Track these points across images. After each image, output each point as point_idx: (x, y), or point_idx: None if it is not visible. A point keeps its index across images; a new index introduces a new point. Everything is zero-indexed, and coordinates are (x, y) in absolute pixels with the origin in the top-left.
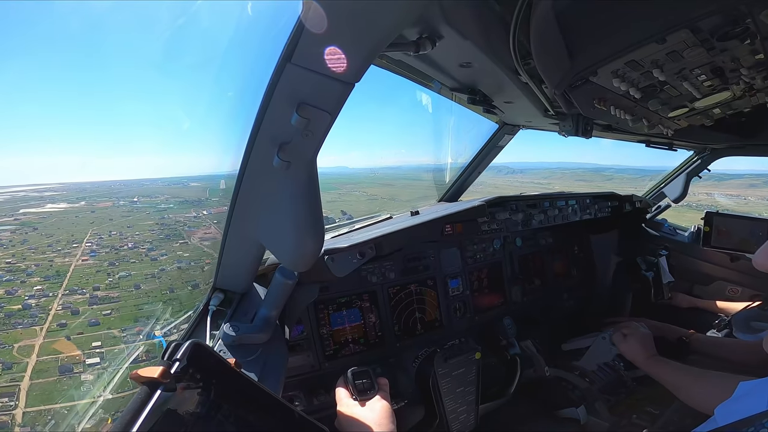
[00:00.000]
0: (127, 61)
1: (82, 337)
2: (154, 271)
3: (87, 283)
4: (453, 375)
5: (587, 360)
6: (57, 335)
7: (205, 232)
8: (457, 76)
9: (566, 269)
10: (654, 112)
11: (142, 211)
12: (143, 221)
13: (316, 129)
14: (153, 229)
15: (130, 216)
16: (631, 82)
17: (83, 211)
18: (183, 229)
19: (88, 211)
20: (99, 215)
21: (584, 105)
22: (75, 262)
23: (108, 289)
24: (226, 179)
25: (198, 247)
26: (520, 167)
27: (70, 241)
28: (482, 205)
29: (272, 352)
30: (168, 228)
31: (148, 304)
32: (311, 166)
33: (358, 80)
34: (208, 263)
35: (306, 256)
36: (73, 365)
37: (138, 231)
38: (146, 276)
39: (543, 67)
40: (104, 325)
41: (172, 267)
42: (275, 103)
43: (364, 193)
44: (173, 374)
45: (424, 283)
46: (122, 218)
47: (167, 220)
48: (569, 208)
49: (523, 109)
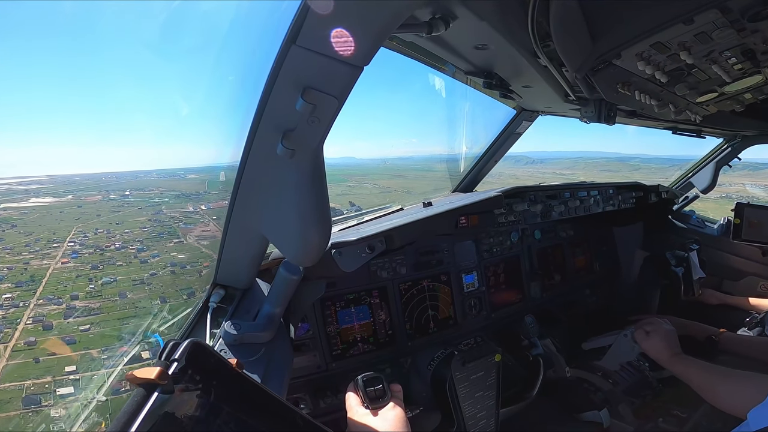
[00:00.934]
0: (121, 44)
1: (54, 359)
2: (144, 275)
3: (65, 290)
4: (471, 379)
5: (609, 359)
6: (23, 356)
7: (203, 230)
8: (472, 59)
9: (588, 264)
10: (681, 97)
11: (134, 206)
12: (134, 217)
13: (323, 115)
14: (144, 226)
15: (120, 211)
16: (657, 66)
17: (69, 206)
18: (178, 226)
19: (75, 205)
20: (86, 210)
21: (607, 90)
22: (53, 265)
23: (88, 299)
24: (227, 170)
25: (195, 247)
26: (539, 157)
27: (51, 240)
28: (499, 195)
29: (276, 351)
30: (161, 225)
31: (135, 317)
32: (317, 154)
33: (366, 63)
34: (207, 266)
35: (312, 249)
36: (41, 396)
37: (128, 228)
38: (134, 282)
39: (563, 49)
40: (81, 344)
41: (164, 271)
42: (279, 87)
43: (375, 186)
44: (171, 375)
45: (437, 279)
46: (111, 214)
47: (161, 216)
48: (591, 199)
49: (543, 94)
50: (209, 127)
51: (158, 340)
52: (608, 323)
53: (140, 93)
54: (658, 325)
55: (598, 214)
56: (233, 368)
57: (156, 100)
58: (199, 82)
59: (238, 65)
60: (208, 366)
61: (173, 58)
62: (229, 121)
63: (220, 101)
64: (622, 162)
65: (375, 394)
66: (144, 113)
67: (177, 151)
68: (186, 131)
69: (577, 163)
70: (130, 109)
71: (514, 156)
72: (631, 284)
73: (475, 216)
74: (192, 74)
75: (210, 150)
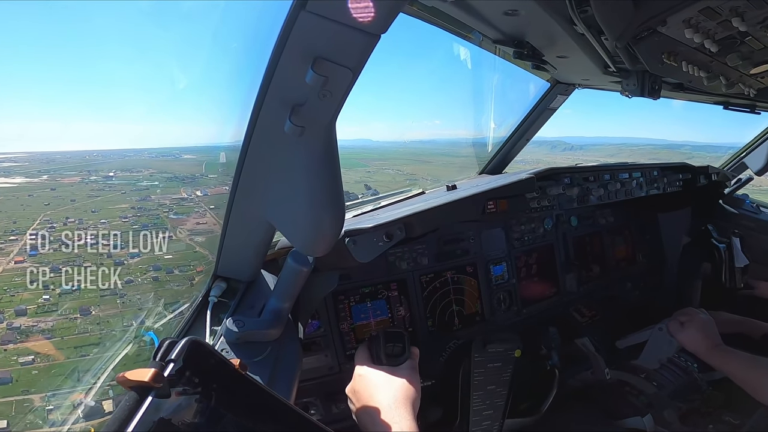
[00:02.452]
0: (113, 10)
1: None
2: (116, 283)
3: (10, 301)
4: (488, 367)
5: (646, 357)
6: None
7: (198, 222)
8: (501, 26)
9: (630, 254)
10: (733, 69)
11: (117, 190)
12: (115, 204)
13: (336, 88)
14: (125, 215)
15: (99, 196)
16: (707, 33)
17: (41, 189)
18: (167, 217)
19: (48, 188)
20: (60, 194)
21: (651, 60)
22: (4, 265)
23: (39, 315)
24: (228, 151)
25: (187, 244)
26: (578, 142)
27: (9, 230)
28: (531, 177)
29: (283, 351)
30: (146, 214)
31: (98, 345)
32: (329, 131)
33: (384, 31)
34: (201, 272)
35: (323, 238)
36: None
37: (104, 218)
38: (102, 292)
39: (603, 15)
40: (18, 385)
41: (144, 277)
42: (287, 58)
43: (398, 171)
44: (167, 377)
45: (462, 270)
46: (88, 199)
47: (147, 202)
48: (633, 182)
49: (579, 65)
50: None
51: (153, 339)
52: (651, 320)
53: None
54: (693, 314)
55: (641, 199)
56: (236, 369)
57: (150, 71)
58: (198, 52)
59: (241, 33)
60: (208, 367)
61: (169, 24)
62: (231, 96)
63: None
64: (671, 149)
65: (393, 352)
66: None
67: (172, 129)
68: (183, 107)
69: (621, 150)
70: (120, 80)
71: (550, 141)
72: (676, 277)
73: (504, 200)
74: (190, 43)
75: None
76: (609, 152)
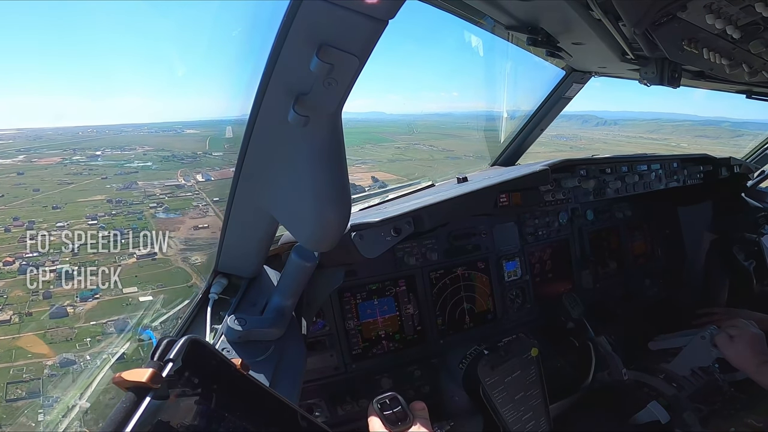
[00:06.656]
0: None
1: None
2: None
3: None
4: (506, 382)
5: (679, 363)
6: None
7: (196, 226)
8: (514, 12)
9: (649, 249)
10: (757, 56)
11: (98, 174)
12: (88, 195)
13: (341, 76)
14: (94, 216)
15: (72, 183)
16: (729, 19)
17: (6, 173)
18: (153, 216)
19: (14, 172)
20: (25, 181)
21: (670, 47)
22: None
23: None
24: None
25: (177, 269)
26: (612, 117)
27: None
28: (545, 169)
29: (287, 350)
30: (125, 212)
31: None
32: (335, 121)
33: (392, 16)
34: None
35: (328, 232)
36: None
37: (65, 218)
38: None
39: (620, 0)
40: None
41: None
42: (291, 45)
43: (432, 147)
44: (165, 378)
45: (473, 266)
46: (58, 187)
47: (131, 192)
48: (652, 174)
49: (596, 52)
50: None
51: (150, 337)
52: (672, 319)
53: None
54: (744, 327)
55: (660, 192)
56: (237, 369)
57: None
58: (198, 38)
59: (243, 18)
60: (208, 367)
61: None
62: (232, 86)
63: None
64: (717, 126)
65: (395, 417)
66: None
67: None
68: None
69: (662, 126)
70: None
71: (581, 115)
72: (697, 273)
73: (517, 193)
74: (191, 27)
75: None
76: (648, 128)
